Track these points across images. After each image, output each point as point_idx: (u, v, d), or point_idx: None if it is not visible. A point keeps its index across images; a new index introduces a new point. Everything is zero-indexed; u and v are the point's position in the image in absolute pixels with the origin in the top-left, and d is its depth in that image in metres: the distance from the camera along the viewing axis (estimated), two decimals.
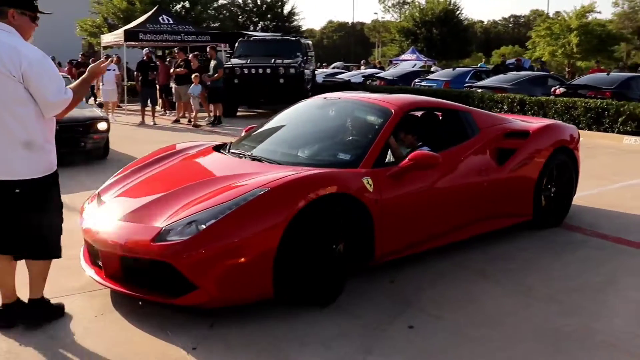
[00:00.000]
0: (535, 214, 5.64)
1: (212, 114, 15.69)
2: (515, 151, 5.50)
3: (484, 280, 4.58)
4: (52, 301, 3.84)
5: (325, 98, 5.75)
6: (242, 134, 5.90)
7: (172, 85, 16.26)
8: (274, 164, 4.56)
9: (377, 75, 23.28)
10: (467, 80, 19.39)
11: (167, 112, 17.87)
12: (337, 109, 5.55)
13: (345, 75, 25.35)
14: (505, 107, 14.33)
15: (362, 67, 32.48)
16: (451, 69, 22.05)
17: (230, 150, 5.13)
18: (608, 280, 4.61)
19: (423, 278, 4.56)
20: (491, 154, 5.36)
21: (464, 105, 5.95)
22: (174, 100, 16.60)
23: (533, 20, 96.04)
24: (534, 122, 6.28)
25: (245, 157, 4.84)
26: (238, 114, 17.68)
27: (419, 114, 5.68)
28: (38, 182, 3.46)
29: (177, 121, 15.78)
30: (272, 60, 16.67)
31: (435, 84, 19.19)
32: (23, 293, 3.77)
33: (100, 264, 3.98)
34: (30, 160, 3.42)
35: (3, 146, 3.37)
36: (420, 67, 27.75)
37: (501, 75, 17.97)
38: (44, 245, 3.58)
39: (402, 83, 20.98)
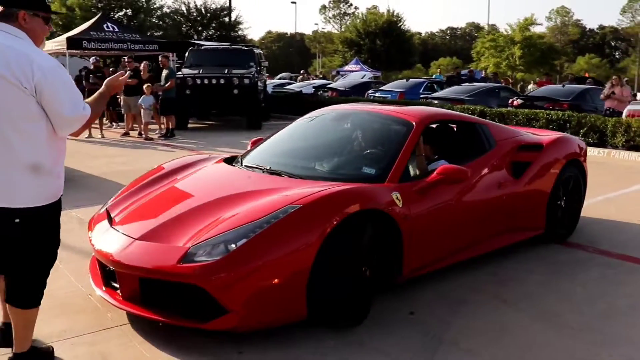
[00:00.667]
0: (547, 227, 5.57)
1: (164, 126, 15.02)
2: (531, 164, 5.43)
3: (505, 307, 4.27)
4: (39, 344, 3.29)
5: (337, 110, 5.64)
6: (249, 147, 5.62)
7: (120, 96, 15.47)
8: (295, 178, 4.37)
9: (329, 86, 23.08)
10: (421, 91, 19.37)
11: (114, 124, 17.05)
12: (353, 121, 5.38)
13: (295, 86, 24.98)
14: None
15: (301, 78, 32.08)
16: (404, 80, 22.01)
17: (245, 164, 4.87)
18: (634, 303, 4.39)
19: (442, 307, 4.21)
20: (507, 167, 5.28)
21: (480, 118, 5.87)
22: (122, 112, 15.80)
23: (469, 33, 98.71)
24: (544, 135, 6.24)
25: (263, 171, 4.60)
26: (189, 126, 17.03)
27: (433, 125, 5.51)
28: (41, 211, 2.97)
29: (126, 134, 15.00)
30: (226, 70, 16.12)
31: (389, 95, 19.06)
32: None
33: (114, 285, 3.75)
34: (35, 186, 2.93)
35: (5, 169, 2.86)
36: (369, 78, 27.70)
37: (456, 87, 17.99)
38: (38, 289, 3.09)
39: (355, 94, 20.82)
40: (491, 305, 4.27)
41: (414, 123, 4.77)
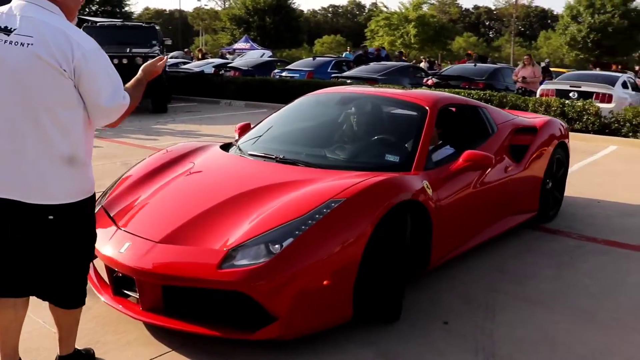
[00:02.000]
0: (540, 209, 5.64)
1: None
2: (528, 147, 5.46)
3: (534, 307, 3.99)
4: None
5: (341, 93, 5.42)
6: (236, 133, 5.18)
7: None
8: (313, 167, 4.09)
9: (230, 65, 22.09)
10: (329, 70, 18.99)
11: None
12: (361, 105, 5.15)
13: (193, 66, 23.78)
14: None
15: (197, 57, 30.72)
16: (311, 59, 21.51)
17: (250, 153, 4.49)
18: None
19: (472, 313, 3.84)
20: (508, 150, 5.27)
21: (480, 102, 5.82)
22: None
23: (351, 11, 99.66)
24: (533, 118, 6.31)
25: (276, 161, 4.26)
26: None
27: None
28: (76, 207, 2.67)
29: None
30: (128, 49, 14.87)
31: (298, 75, 18.45)
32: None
33: (126, 293, 3.42)
34: (70, 179, 2.62)
35: (38, 161, 2.53)
36: (269, 57, 26.96)
37: (366, 66, 17.77)
38: (81, 288, 2.84)
39: (259, 73, 20.03)
40: (522, 309, 3.96)
41: (427, 108, 4.60)
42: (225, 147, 4.78)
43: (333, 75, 17.41)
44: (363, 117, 5.03)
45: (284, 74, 19.06)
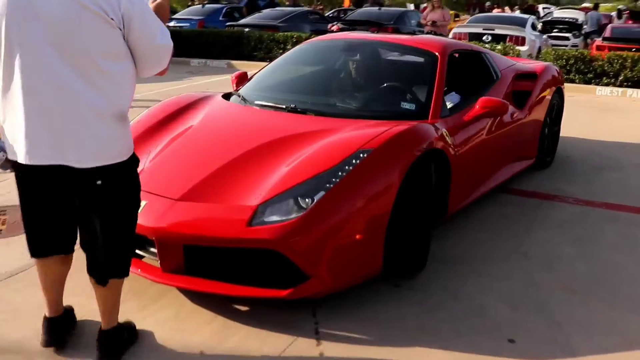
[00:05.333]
0: (538, 156, 5.61)
1: None
2: (530, 93, 5.38)
3: (586, 299, 3.39)
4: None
5: (345, 39, 5.17)
6: (233, 83, 4.93)
7: None
8: (328, 116, 3.89)
9: None
10: (220, 18, 17.56)
11: None
12: (368, 51, 4.93)
13: None
14: (290, 47, 12.98)
15: None
16: (200, 6, 19.80)
17: (255, 102, 4.23)
18: None
19: (530, 323, 3.10)
20: (511, 96, 5.18)
21: (481, 47, 5.73)
22: None
23: None
24: (530, 63, 6.26)
25: (287, 110, 4.03)
26: None
27: None
28: (123, 167, 2.46)
29: None
30: None
31: (188, 24, 16.89)
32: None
33: (139, 254, 3.16)
34: (119, 138, 2.41)
35: (83, 118, 2.28)
36: None
37: (261, 13, 16.53)
38: (128, 256, 2.68)
39: None
40: (574, 304, 3.33)
41: (437, 54, 4.44)
42: (227, 97, 4.49)
43: (228, 24, 16.03)
44: (371, 65, 4.84)
45: (171, 23, 17.36)
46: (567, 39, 17.84)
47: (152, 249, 3.05)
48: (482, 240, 4.14)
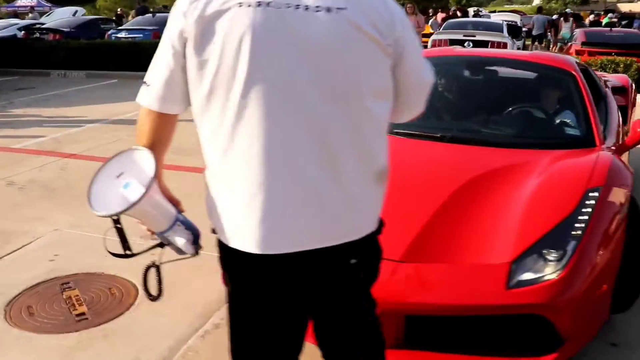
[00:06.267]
0: None
1: None
2: (626, 108, 5.36)
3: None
4: None
5: (466, 57, 4.90)
6: None
7: None
8: (491, 146, 3.60)
9: (46, 26, 18.56)
10: None
11: None
12: (493, 71, 4.63)
13: None
14: None
15: None
16: (150, 15, 18.77)
17: (394, 130, 3.64)
18: None
19: None
20: None
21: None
22: None
23: None
24: (607, 76, 6.18)
25: (442, 140, 3.69)
26: None
27: None
28: (373, 238, 1.77)
29: None
30: None
31: (141, 35, 15.92)
32: None
33: None
34: (377, 202, 1.75)
35: (351, 182, 1.64)
36: (83, 15, 23.39)
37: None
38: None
39: (84, 36, 17.14)
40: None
41: (573, 72, 4.18)
42: None
43: None
44: (506, 85, 4.57)
45: (121, 34, 16.35)
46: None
47: None
48: None
